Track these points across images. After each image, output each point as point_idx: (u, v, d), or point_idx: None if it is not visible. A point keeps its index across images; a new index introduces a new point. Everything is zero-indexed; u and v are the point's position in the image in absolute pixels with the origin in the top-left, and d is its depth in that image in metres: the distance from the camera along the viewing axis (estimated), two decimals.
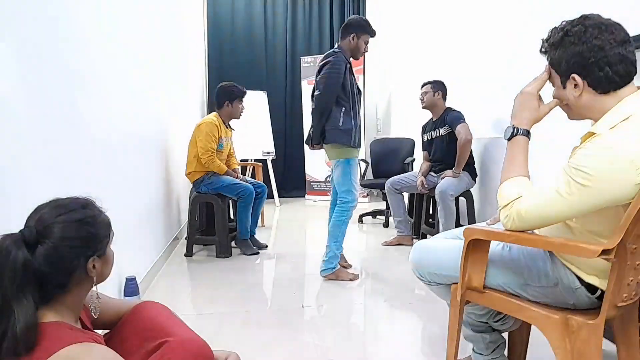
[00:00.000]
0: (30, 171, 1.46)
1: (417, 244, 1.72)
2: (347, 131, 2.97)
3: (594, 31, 1.23)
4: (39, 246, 0.96)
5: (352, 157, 3.05)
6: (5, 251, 0.92)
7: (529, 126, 1.40)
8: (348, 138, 2.97)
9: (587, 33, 1.23)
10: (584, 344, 1.27)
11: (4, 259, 0.92)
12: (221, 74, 6.39)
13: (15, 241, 0.94)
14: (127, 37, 2.62)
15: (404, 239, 3.96)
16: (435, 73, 4.22)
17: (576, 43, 1.25)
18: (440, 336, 2.17)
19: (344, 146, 3.00)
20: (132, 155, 2.69)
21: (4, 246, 0.93)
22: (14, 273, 0.92)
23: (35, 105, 1.51)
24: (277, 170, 6.29)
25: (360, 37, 3.05)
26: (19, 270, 0.92)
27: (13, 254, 0.92)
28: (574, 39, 1.25)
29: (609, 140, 1.16)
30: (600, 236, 1.26)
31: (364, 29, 3.06)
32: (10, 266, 0.92)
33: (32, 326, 0.92)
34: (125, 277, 2.35)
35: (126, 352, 1.08)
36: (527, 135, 1.40)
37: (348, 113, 2.98)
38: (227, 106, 3.75)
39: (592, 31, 1.23)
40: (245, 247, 3.71)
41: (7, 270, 0.92)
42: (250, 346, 2.08)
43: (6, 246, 0.93)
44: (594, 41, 1.22)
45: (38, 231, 0.97)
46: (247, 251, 3.68)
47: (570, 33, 1.26)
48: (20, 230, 0.97)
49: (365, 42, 3.09)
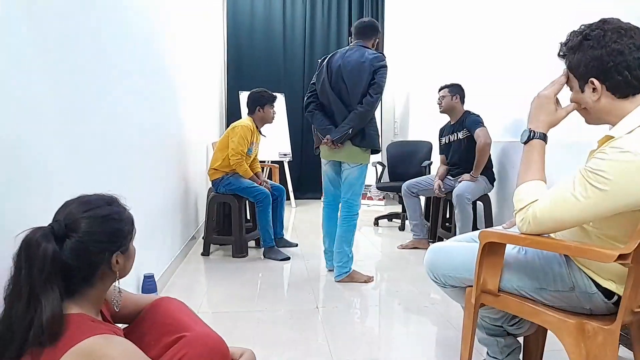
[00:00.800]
0: (54, 169, 1.50)
1: (433, 246, 1.72)
2: (379, 137, 3.01)
3: (613, 35, 1.22)
4: (67, 240, 1.00)
5: (368, 163, 3.07)
6: (36, 243, 0.96)
7: (545, 130, 1.39)
8: (379, 143, 3.01)
9: (606, 37, 1.23)
10: (599, 350, 1.26)
11: (34, 250, 0.96)
12: (239, 75, 6.45)
13: (45, 234, 0.98)
14: (147, 36, 2.67)
15: (419, 242, 3.94)
16: (453, 75, 4.21)
17: (595, 47, 1.24)
18: (454, 340, 2.17)
19: (371, 151, 3.01)
20: (151, 155, 2.74)
21: (35, 238, 0.97)
22: (43, 264, 0.95)
23: (60, 105, 1.55)
24: (293, 172, 6.32)
25: (378, 40, 3.08)
26: (48, 262, 0.96)
27: (43, 246, 0.96)
28: (593, 43, 1.25)
29: (626, 144, 1.15)
30: (617, 241, 1.25)
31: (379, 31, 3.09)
32: (40, 258, 0.95)
33: (58, 317, 0.95)
34: (143, 274, 2.40)
35: (145, 345, 1.11)
36: (544, 138, 1.39)
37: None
38: (259, 111, 3.78)
39: (611, 35, 1.23)
40: (274, 254, 3.63)
41: (37, 262, 0.95)
42: (264, 345, 2.11)
43: (37, 239, 0.96)
44: (613, 45, 1.22)
45: (67, 225, 1.01)
46: (277, 257, 3.60)
47: (590, 37, 1.26)
48: (50, 224, 1.01)
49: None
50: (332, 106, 2.98)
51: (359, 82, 2.89)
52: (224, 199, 3.75)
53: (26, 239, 0.97)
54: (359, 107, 2.88)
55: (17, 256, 0.97)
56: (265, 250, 3.68)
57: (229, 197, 3.69)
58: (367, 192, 6.13)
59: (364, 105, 2.88)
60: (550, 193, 1.29)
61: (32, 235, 0.98)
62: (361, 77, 2.88)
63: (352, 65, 2.91)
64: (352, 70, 2.90)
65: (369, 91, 2.88)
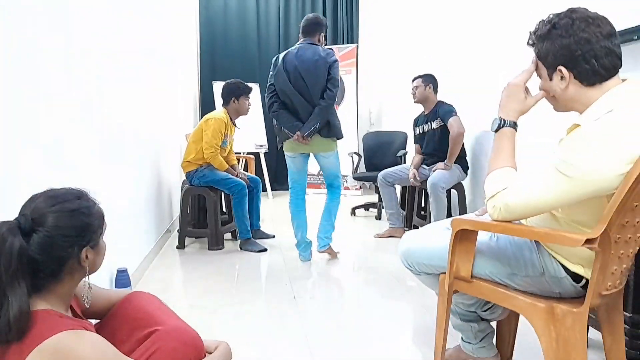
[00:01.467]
0: (23, 162, 1.46)
1: (406, 234, 1.73)
2: (341, 126, 3.29)
3: (581, 24, 1.24)
4: (34, 234, 0.97)
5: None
6: (2, 238, 0.93)
7: (515, 118, 1.41)
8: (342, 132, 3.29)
9: (574, 26, 1.24)
10: (568, 332, 1.29)
11: (0, 245, 0.93)
12: (214, 66, 6.36)
13: (12, 228, 0.95)
14: (118, 26, 2.60)
15: (396, 231, 3.98)
16: (427, 66, 4.23)
17: (563, 36, 1.26)
18: (430, 326, 2.20)
19: (338, 139, 3.28)
20: (123, 148, 2.69)
21: (0, 233, 0.94)
22: (9, 260, 0.93)
23: (22, 95, 1.50)
24: (269, 163, 6.29)
25: (324, 34, 3.32)
26: (15, 257, 0.93)
27: (9, 241, 0.93)
28: (561, 32, 1.26)
29: (593, 132, 1.18)
30: (585, 226, 1.28)
31: (324, 26, 3.31)
32: (6, 253, 0.93)
33: (25, 313, 0.93)
34: (116, 268, 2.36)
35: (117, 340, 1.09)
36: (514, 126, 1.41)
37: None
38: (233, 103, 3.73)
39: (579, 24, 1.24)
40: (251, 245, 3.62)
41: (3, 257, 0.93)
42: (241, 337, 2.10)
43: (2, 233, 0.94)
44: (581, 34, 1.23)
45: (34, 219, 0.98)
46: (254, 249, 3.59)
47: (558, 26, 1.27)
48: (16, 218, 0.98)
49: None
50: (295, 104, 3.17)
51: (317, 79, 3.11)
52: (198, 191, 3.71)
53: None
54: (322, 102, 3.11)
55: None
56: (242, 243, 3.66)
57: (204, 189, 3.65)
58: (344, 182, 6.15)
59: (325, 99, 3.12)
60: (520, 181, 1.31)
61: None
62: (318, 75, 3.10)
63: (308, 64, 3.11)
64: (309, 69, 3.11)
65: (327, 86, 3.11)
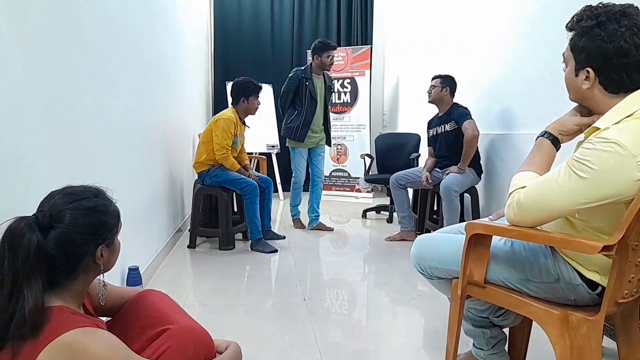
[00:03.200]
0: (34, 160, 1.47)
1: (419, 238, 1.72)
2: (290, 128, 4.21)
3: (626, 32, 1.20)
4: (52, 230, 0.98)
5: (294, 147, 4.30)
6: (20, 233, 0.94)
7: (553, 131, 1.41)
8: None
9: (618, 32, 1.20)
10: (583, 340, 1.27)
11: (18, 240, 0.93)
12: (227, 65, 6.38)
13: (30, 224, 0.95)
14: (131, 26, 2.62)
15: (407, 234, 3.95)
16: (442, 67, 4.21)
17: (605, 40, 1.22)
18: (441, 331, 2.18)
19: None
20: (135, 147, 2.70)
21: (19, 228, 0.94)
22: (27, 255, 0.93)
23: (41, 96, 1.52)
24: (281, 164, 6.29)
25: (321, 56, 4.10)
26: (33, 253, 0.94)
27: (27, 236, 0.94)
28: (604, 35, 1.22)
29: (612, 135, 1.16)
30: (603, 233, 1.26)
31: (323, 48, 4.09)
32: (24, 248, 0.93)
33: (40, 308, 0.93)
34: (128, 266, 2.37)
35: (128, 338, 1.09)
36: (550, 138, 1.41)
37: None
38: (243, 102, 3.71)
39: (624, 32, 1.20)
40: (262, 246, 3.61)
41: (21, 252, 0.93)
42: (251, 337, 2.10)
43: (21, 228, 0.94)
44: (623, 44, 1.20)
45: (51, 216, 0.99)
46: (265, 250, 3.58)
47: (603, 27, 1.22)
48: (34, 214, 0.99)
49: (327, 57, 4.10)
50: None
51: None
52: (210, 191, 3.72)
53: (10, 229, 0.95)
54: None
55: (0, 246, 0.95)
56: (253, 243, 3.66)
57: (216, 189, 3.66)
58: (355, 184, 6.14)
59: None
60: (537, 180, 1.29)
61: (16, 224, 0.95)
62: None
63: None
64: None
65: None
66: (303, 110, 4.12)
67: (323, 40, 4.14)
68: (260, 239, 3.67)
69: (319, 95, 4.20)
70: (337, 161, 6.21)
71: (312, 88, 4.13)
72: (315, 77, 4.19)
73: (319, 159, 4.44)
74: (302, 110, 4.13)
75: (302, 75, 4.11)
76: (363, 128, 6.09)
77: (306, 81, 4.10)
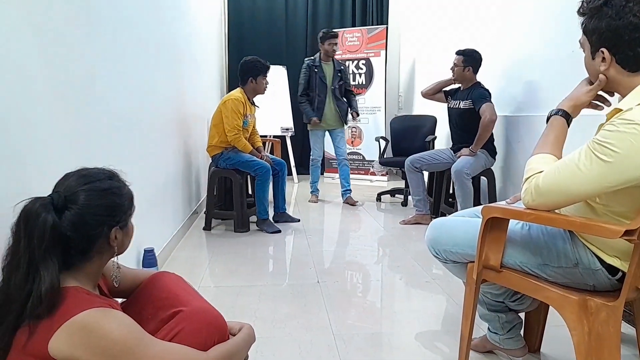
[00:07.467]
0: (50, 142, 1.48)
1: (434, 221, 1.70)
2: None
3: (635, 7, 1.17)
4: (66, 211, 0.98)
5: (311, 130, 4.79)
6: (36, 213, 0.94)
7: (567, 107, 1.38)
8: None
9: (626, 8, 1.18)
10: (602, 326, 1.25)
11: (34, 220, 0.94)
12: (241, 47, 6.33)
13: (45, 205, 0.96)
14: (146, 10, 2.61)
15: (422, 217, 3.92)
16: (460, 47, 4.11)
17: (613, 17, 1.19)
18: (455, 315, 2.17)
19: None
20: (151, 129, 2.71)
21: (34, 208, 0.95)
22: (43, 235, 0.94)
23: (57, 77, 1.52)
24: (295, 147, 6.27)
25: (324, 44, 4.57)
26: (48, 233, 0.94)
27: (43, 216, 0.94)
28: (612, 13, 1.20)
29: (635, 116, 1.12)
30: (624, 217, 1.23)
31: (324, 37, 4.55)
32: (40, 228, 0.94)
33: (56, 288, 0.94)
34: (143, 248, 2.39)
35: (142, 319, 1.09)
36: (564, 116, 1.37)
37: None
38: (251, 82, 3.70)
39: (632, 6, 1.17)
40: (267, 226, 3.67)
41: (37, 232, 0.94)
42: (265, 319, 2.11)
43: (36, 209, 0.95)
44: (632, 18, 1.17)
45: (66, 197, 0.99)
46: (269, 229, 3.64)
47: (610, 4, 1.20)
48: (50, 195, 0.99)
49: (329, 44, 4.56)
50: None
51: None
52: (224, 173, 3.73)
53: (25, 209, 0.96)
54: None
55: (16, 226, 0.96)
56: (259, 222, 3.70)
57: (230, 171, 3.67)
58: (370, 167, 6.10)
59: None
60: (555, 164, 1.26)
61: (31, 205, 0.96)
62: None
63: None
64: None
65: None
66: (315, 94, 4.63)
67: (325, 30, 4.62)
68: (266, 219, 3.70)
69: (328, 80, 4.63)
70: (351, 144, 6.16)
71: (321, 74, 4.61)
72: (325, 63, 4.65)
73: (338, 139, 4.81)
74: (314, 95, 4.64)
75: (311, 64, 4.62)
76: (378, 110, 6.02)
77: (315, 68, 4.60)
